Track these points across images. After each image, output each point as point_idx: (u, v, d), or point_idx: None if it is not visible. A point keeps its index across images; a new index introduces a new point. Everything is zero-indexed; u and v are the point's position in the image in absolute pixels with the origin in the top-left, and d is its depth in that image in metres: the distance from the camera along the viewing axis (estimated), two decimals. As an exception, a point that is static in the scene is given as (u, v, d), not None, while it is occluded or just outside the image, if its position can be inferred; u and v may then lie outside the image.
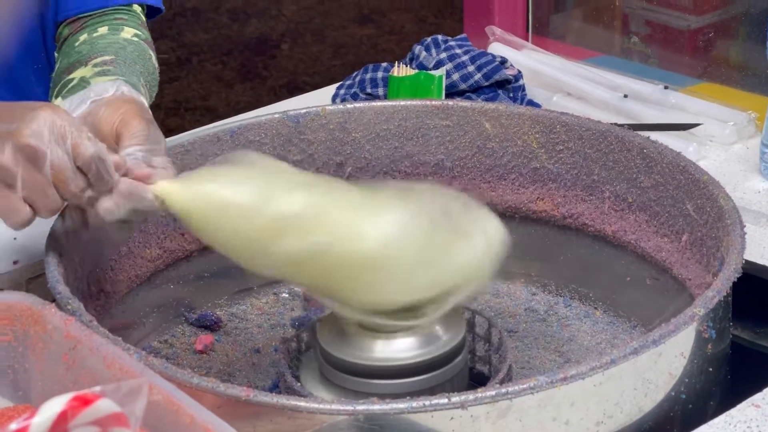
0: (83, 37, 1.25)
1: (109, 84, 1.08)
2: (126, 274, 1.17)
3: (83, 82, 1.13)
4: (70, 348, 0.84)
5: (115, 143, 1.02)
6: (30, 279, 1.21)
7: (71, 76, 1.16)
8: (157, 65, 1.27)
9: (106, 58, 1.17)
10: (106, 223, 1.00)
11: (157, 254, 1.20)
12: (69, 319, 0.85)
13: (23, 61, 1.35)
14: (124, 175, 0.99)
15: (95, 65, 1.16)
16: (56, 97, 1.15)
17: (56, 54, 1.29)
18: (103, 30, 1.25)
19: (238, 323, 1.24)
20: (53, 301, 0.98)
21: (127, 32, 1.26)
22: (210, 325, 1.23)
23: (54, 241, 1.05)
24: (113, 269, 1.16)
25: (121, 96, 1.07)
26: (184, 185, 0.98)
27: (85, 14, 1.29)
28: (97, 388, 0.69)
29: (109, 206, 0.98)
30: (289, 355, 1.07)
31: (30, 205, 0.96)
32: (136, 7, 1.31)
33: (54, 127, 0.95)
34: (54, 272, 1.02)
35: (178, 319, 1.24)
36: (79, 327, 0.85)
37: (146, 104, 1.09)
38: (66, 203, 1.00)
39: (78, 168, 0.96)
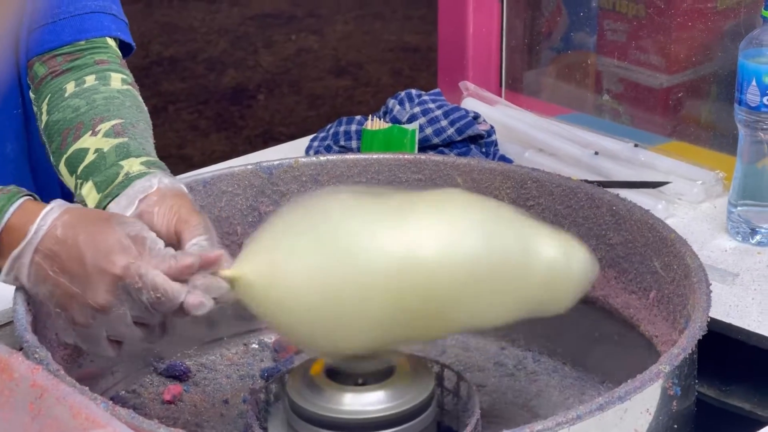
0: (70, 86, 1.24)
1: (151, 178, 1.10)
2: (95, 322, 1.17)
3: (104, 161, 1.14)
4: (36, 397, 0.83)
5: (175, 240, 1.05)
6: (-2, 327, 1.21)
7: (82, 146, 1.16)
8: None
9: (115, 123, 1.18)
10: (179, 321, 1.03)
11: (127, 303, 1.20)
12: (36, 368, 0.85)
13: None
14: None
15: (106, 134, 1.17)
16: (78, 176, 1.15)
17: (32, 95, 1.28)
18: (90, 80, 1.24)
19: (207, 374, 1.24)
20: (20, 349, 0.98)
21: (115, 79, 1.25)
22: (179, 375, 1.23)
23: (23, 290, 1.05)
24: (82, 318, 1.15)
25: (165, 189, 1.09)
26: (254, 263, 1.00)
27: (60, 50, 1.28)
28: (62, 438, 0.69)
29: (197, 301, 1.01)
30: (258, 406, 1.07)
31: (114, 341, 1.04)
32: (111, 41, 1.30)
33: (129, 287, 0.99)
34: (22, 320, 1.02)
35: (147, 369, 1.23)
36: (46, 376, 0.85)
37: (187, 191, 1.11)
38: None
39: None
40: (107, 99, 1.22)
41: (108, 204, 1.10)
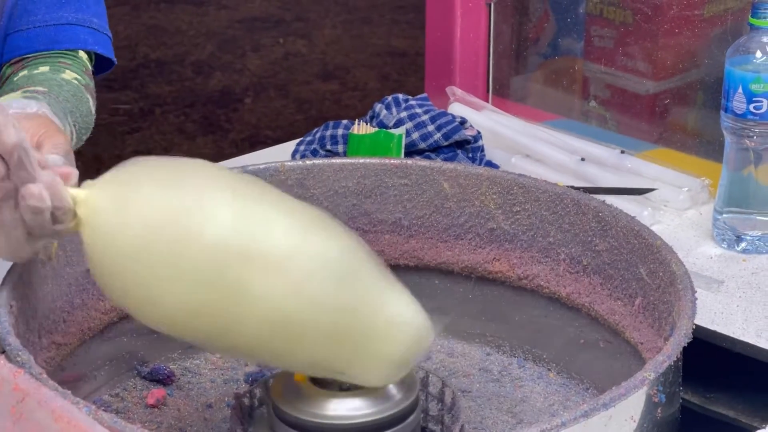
0: (23, 72, 1.25)
1: (33, 102, 1.07)
2: (79, 326, 1.16)
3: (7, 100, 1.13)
4: (18, 401, 0.83)
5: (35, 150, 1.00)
6: (-20, 329, 1.20)
7: None
8: (93, 111, 1.27)
9: (39, 88, 1.18)
10: (12, 223, 0.96)
11: (111, 306, 1.19)
12: (18, 371, 0.84)
13: None
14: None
15: (25, 92, 1.16)
16: None
17: None
18: (44, 68, 1.25)
19: (191, 378, 1.24)
20: (2, 352, 0.98)
21: (69, 75, 1.26)
22: (162, 379, 1.22)
23: (6, 292, 1.04)
24: (66, 321, 1.15)
25: (43, 116, 1.06)
26: (109, 197, 0.93)
27: (30, 54, 1.28)
28: (43, 443, 0.69)
29: (36, 191, 0.93)
30: (242, 411, 1.07)
31: None
32: (83, 54, 1.30)
33: None
34: (5, 323, 1.01)
35: (131, 373, 1.23)
36: (28, 379, 0.84)
37: (68, 135, 1.07)
38: None
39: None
40: (48, 80, 1.21)
41: None
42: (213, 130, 3.84)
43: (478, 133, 1.56)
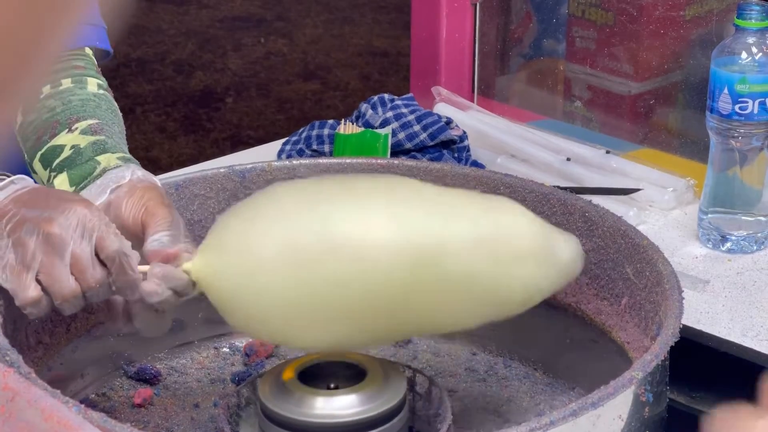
0: (46, 89, 1.25)
1: (124, 170, 1.12)
2: (65, 325, 1.16)
3: (81, 156, 1.15)
4: (7, 400, 0.82)
5: (140, 232, 1.06)
6: (-33, 329, 1.19)
7: (58, 143, 1.17)
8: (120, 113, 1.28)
9: (91, 122, 1.19)
10: (144, 312, 1.03)
11: (98, 306, 1.19)
12: (7, 371, 0.84)
13: None
14: (154, 259, 1.03)
15: (83, 132, 1.18)
16: (52, 169, 1.16)
17: None
18: (67, 83, 1.25)
19: (177, 377, 1.23)
20: (-9, 351, 0.97)
21: (92, 84, 1.26)
22: (149, 379, 1.22)
23: (-7, 291, 1.04)
24: (53, 321, 1.14)
25: (138, 181, 1.10)
26: (215, 260, 1.00)
27: None
28: (35, 442, 0.68)
29: (151, 288, 1.00)
30: (229, 410, 1.07)
31: (44, 288, 0.99)
32: (88, 50, 1.31)
33: (84, 221, 0.99)
34: (-7, 322, 1.01)
35: (117, 372, 1.22)
36: (17, 379, 0.84)
37: (160, 185, 1.12)
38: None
39: (101, 262, 1.00)
40: (83, 101, 1.23)
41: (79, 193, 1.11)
42: (194, 129, 3.83)
43: (464, 133, 1.57)
